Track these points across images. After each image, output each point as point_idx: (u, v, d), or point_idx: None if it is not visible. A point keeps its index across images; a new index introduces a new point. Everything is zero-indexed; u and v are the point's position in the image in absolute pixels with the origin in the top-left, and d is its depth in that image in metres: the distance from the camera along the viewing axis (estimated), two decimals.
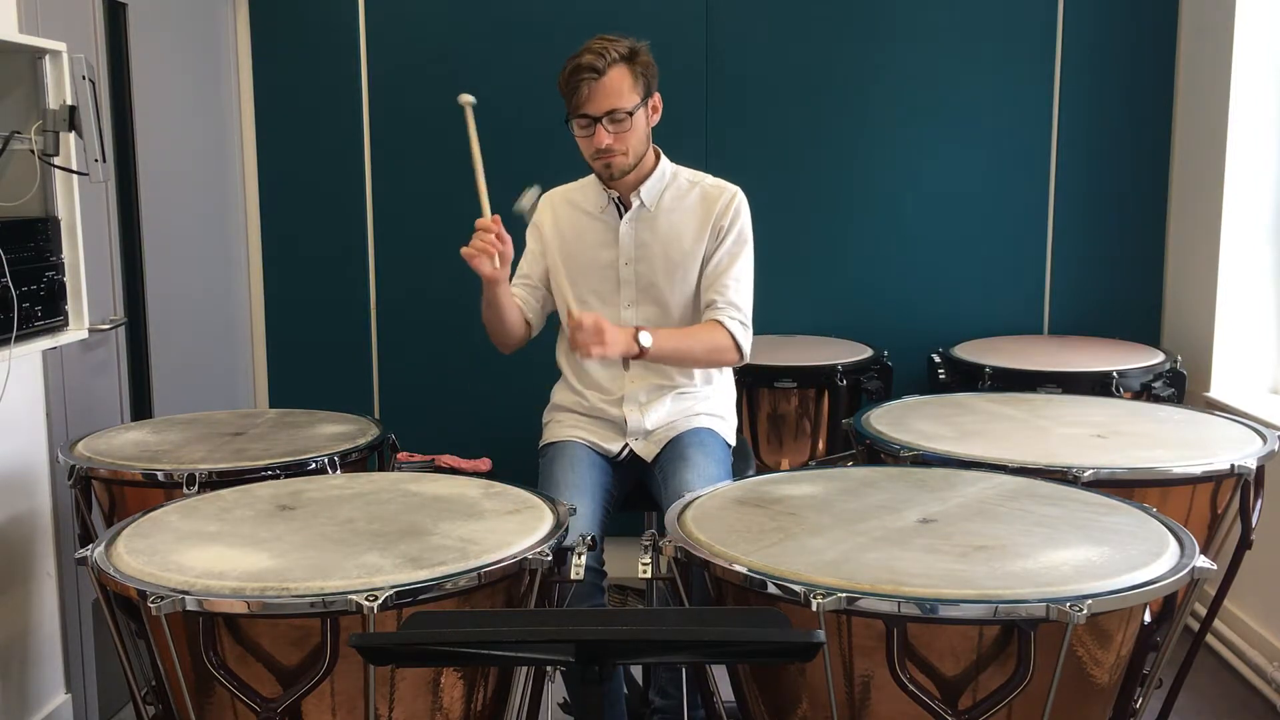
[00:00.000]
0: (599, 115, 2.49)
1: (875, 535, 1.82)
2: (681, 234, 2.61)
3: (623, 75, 2.49)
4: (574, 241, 2.68)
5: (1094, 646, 1.70)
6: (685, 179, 2.66)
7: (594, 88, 2.47)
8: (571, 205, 2.71)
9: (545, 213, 2.73)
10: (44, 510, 2.87)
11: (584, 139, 2.55)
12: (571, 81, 2.48)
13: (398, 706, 1.75)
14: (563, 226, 2.70)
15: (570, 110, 2.52)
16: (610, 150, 2.52)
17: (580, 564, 1.92)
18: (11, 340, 2.38)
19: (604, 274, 2.65)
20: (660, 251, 2.62)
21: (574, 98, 2.49)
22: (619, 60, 2.48)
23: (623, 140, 2.52)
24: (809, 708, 1.74)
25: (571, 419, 2.68)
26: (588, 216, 2.67)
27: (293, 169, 4.00)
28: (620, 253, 2.63)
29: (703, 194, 2.64)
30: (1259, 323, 3.61)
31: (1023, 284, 3.99)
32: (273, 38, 3.95)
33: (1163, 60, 3.88)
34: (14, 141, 2.46)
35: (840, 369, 3.45)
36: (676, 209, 2.63)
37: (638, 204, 2.62)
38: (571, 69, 2.49)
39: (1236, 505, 2.26)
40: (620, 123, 2.50)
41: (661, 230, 2.62)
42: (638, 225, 2.63)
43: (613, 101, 2.48)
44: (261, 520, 1.98)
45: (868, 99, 3.91)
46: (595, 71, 2.46)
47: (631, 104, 2.50)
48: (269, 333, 4.08)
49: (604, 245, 2.65)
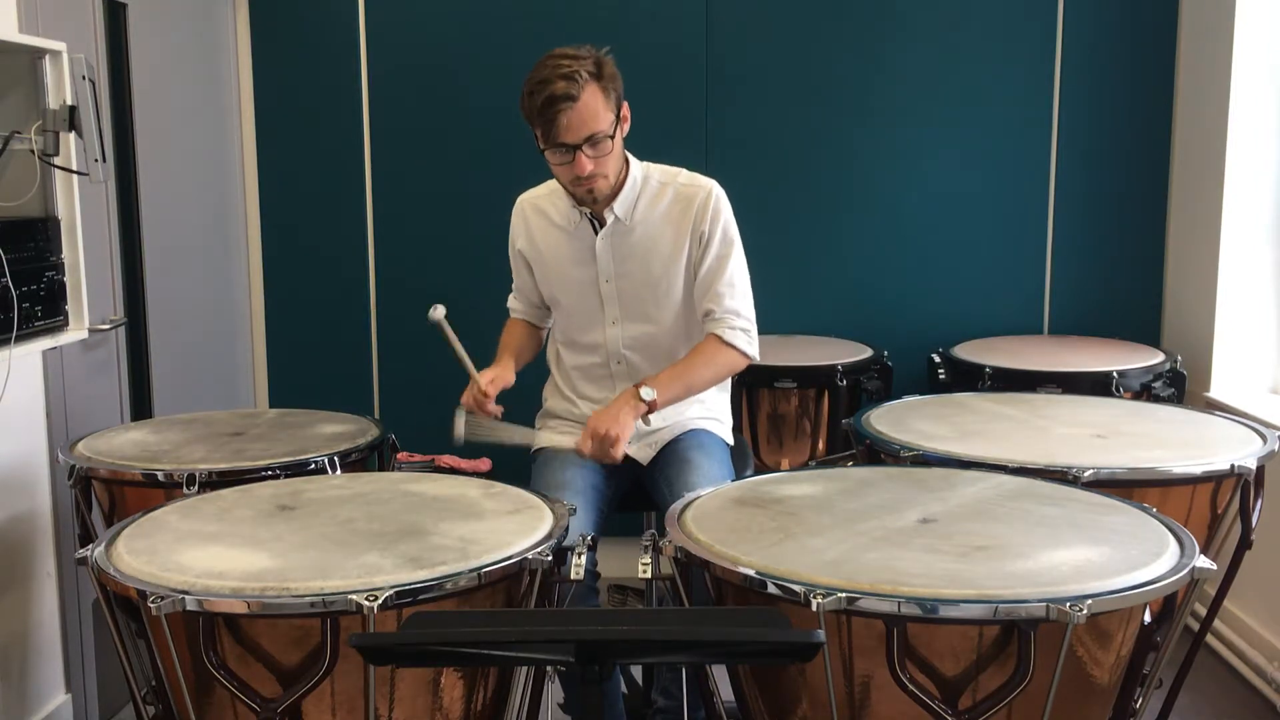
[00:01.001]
0: (578, 143, 2.35)
1: (875, 535, 1.82)
2: (659, 244, 2.52)
3: (595, 95, 2.34)
4: (550, 256, 2.60)
5: (1094, 646, 1.70)
6: (656, 180, 2.55)
7: (571, 116, 2.32)
8: (545, 219, 2.60)
9: (519, 224, 2.65)
10: (44, 510, 2.87)
11: (562, 167, 2.41)
12: (546, 113, 2.32)
13: (398, 706, 1.75)
14: (537, 239, 2.62)
15: (544, 140, 2.37)
16: (592, 176, 2.40)
17: (580, 564, 1.91)
18: (11, 340, 2.38)
19: (584, 291, 2.57)
20: (640, 266, 2.53)
21: (550, 129, 2.34)
22: (589, 79, 2.33)
23: (603, 164, 2.40)
24: (809, 708, 1.74)
25: (564, 425, 2.66)
26: (559, 230, 2.58)
27: (293, 169, 4.00)
28: (599, 270, 2.55)
29: (677, 195, 2.53)
30: (1259, 323, 3.61)
31: (1023, 284, 3.99)
32: (273, 38, 3.95)
33: (1163, 60, 3.88)
34: (14, 141, 2.46)
35: (840, 369, 3.45)
36: (651, 217, 2.52)
37: (613, 219, 2.51)
38: (545, 99, 2.32)
39: (1236, 505, 2.26)
40: (600, 145, 2.37)
41: (640, 243, 2.53)
42: (614, 240, 2.53)
43: (590, 126, 2.34)
44: (261, 520, 1.98)
45: (868, 99, 3.91)
46: (570, 100, 2.30)
47: (608, 124, 2.37)
48: (269, 333, 4.08)
49: (580, 262, 2.56)
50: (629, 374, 2.60)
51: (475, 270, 3.97)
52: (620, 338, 2.59)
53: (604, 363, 2.62)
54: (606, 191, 2.47)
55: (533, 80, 2.36)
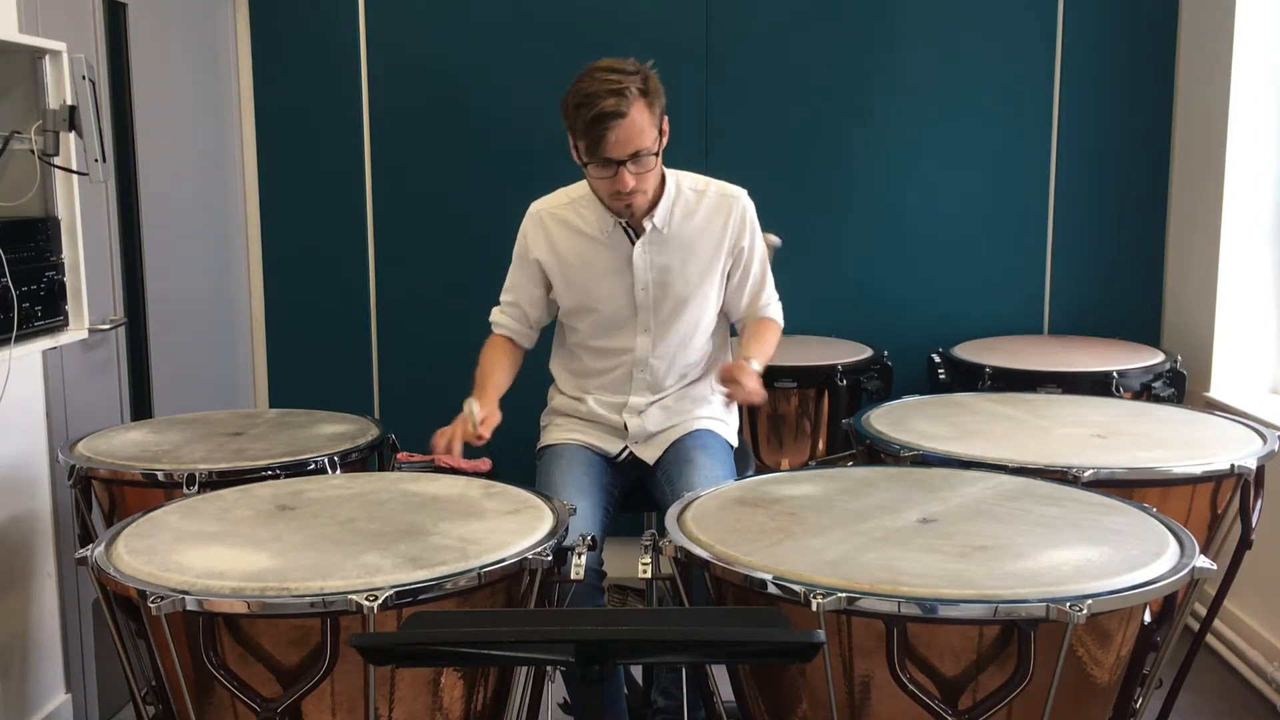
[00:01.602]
0: (623, 159, 2.34)
1: (875, 535, 1.82)
2: (697, 253, 2.54)
3: (642, 112, 2.32)
4: (577, 267, 2.56)
5: (1094, 646, 1.70)
6: (689, 189, 2.56)
7: (619, 133, 2.30)
8: (568, 227, 2.56)
9: (537, 234, 2.59)
10: (44, 510, 2.87)
11: (603, 180, 2.40)
12: (595, 129, 2.29)
13: (398, 706, 1.75)
14: (561, 249, 2.57)
15: (587, 154, 2.36)
16: (633, 192, 2.38)
17: (580, 564, 1.91)
18: (11, 340, 2.38)
19: (617, 299, 2.55)
20: (678, 275, 2.53)
21: (596, 145, 2.31)
22: (638, 95, 2.31)
23: (644, 179, 2.39)
24: (809, 708, 1.74)
25: (570, 423, 2.66)
26: (589, 241, 2.55)
27: (293, 169, 4.00)
28: (636, 279, 2.53)
29: (711, 206, 2.54)
30: (1259, 323, 3.61)
31: (1023, 284, 3.99)
32: (273, 38, 3.95)
33: (1163, 60, 3.88)
34: (14, 141, 2.46)
35: (840, 369, 3.45)
36: (688, 227, 2.53)
37: (650, 228, 2.51)
38: (594, 116, 2.28)
39: (1236, 505, 2.26)
40: (643, 161, 2.36)
41: (678, 251, 2.53)
42: (651, 249, 2.52)
43: (636, 143, 2.33)
44: (261, 520, 1.98)
45: (868, 99, 3.90)
46: (619, 116, 2.28)
47: (653, 140, 2.36)
48: (269, 333, 4.08)
49: (614, 271, 2.54)
50: (649, 379, 2.61)
51: (475, 270, 3.97)
52: (651, 345, 2.58)
53: (627, 369, 2.61)
54: (643, 206, 2.48)
55: (579, 92, 2.32)
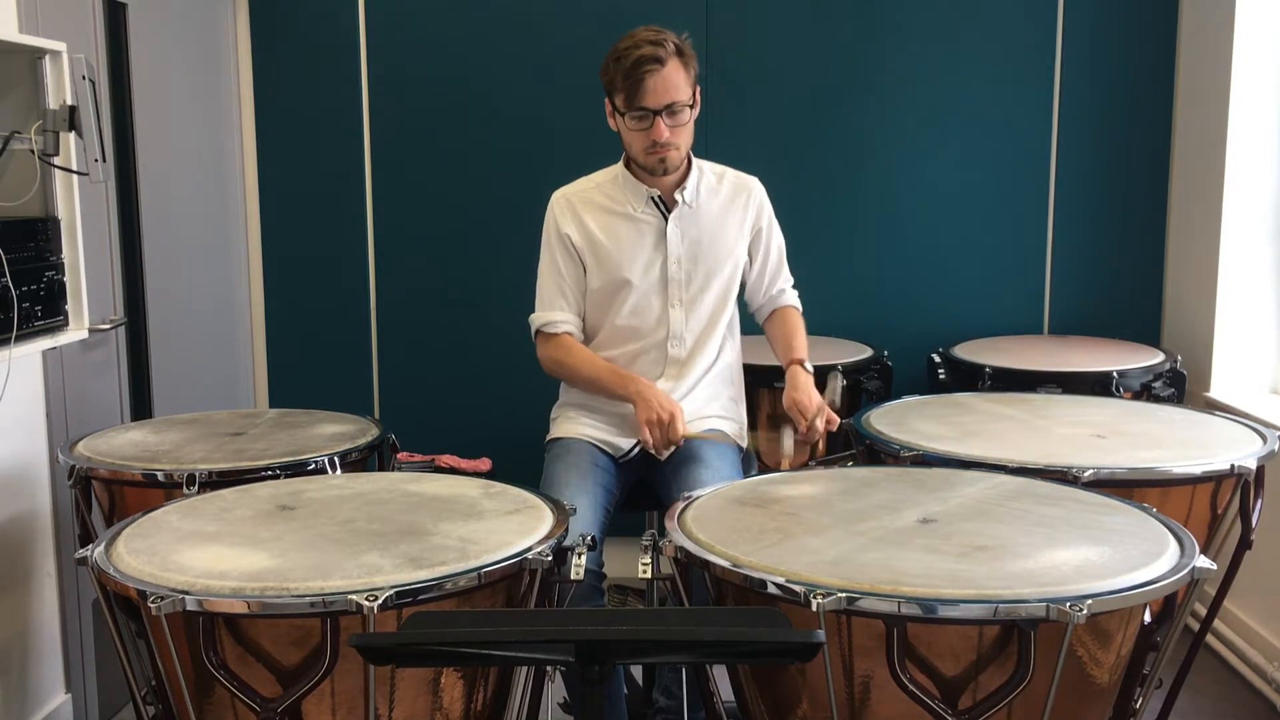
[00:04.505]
0: (659, 109, 2.45)
1: (875, 535, 1.82)
2: (725, 229, 2.63)
3: (678, 68, 2.46)
4: (612, 242, 2.60)
5: (1094, 646, 1.70)
6: (710, 171, 2.67)
7: (656, 80, 2.42)
8: (597, 207, 2.62)
9: (566, 215, 2.62)
10: (44, 510, 2.87)
11: (639, 132, 2.49)
12: (634, 74, 2.42)
13: (398, 706, 1.75)
14: (592, 228, 2.61)
15: (625, 103, 2.46)
16: (668, 144, 2.48)
17: (580, 564, 1.91)
18: (11, 340, 2.38)
19: (650, 276, 2.60)
20: (708, 249, 2.62)
21: (636, 90, 2.43)
22: (674, 53, 2.45)
23: (678, 134, 2.50)
24: (809, 708, 1.74)
25: (582, 415, 2.66)
26: (622, 218, 2.61)
27: (293, 169, 4.00)
28: (669, 252, 2.60)
29: (731, 186, 2.66)
30: (1259, 323, 3.61)
31: (1023, 284, 3.99)
32: (273, 38, 3.95)
33: (1163, 61, 3.88)
34: (14, 141, 2.46)
35: (840, 369, 3.45)
36: (713, 205, 2.64)
37: (682, 201, 2.60)
38: (633, 61, 2.42)
39: (1236, 505, 2.26)
40: (678, 115, 2.48)
41: (707, 226, 2.62)
42: (683, 223, 2.61)
43: (673, 94, 2.45)
44: (261, 520, 1.98)
45: (868, 99, 3.90)
46: (658, 62, 2.42)
47: (688, 96, 2.48)
48: (269, 333, 4.08)
49: (648, 247, 2.61)
50: (680, 355, 2.63)
51: (476, 270, 3.98)
52: (684, 319, 2.62)
53: (660, 345, 2.63)
54: (677, 163, 2.56)
55: (619, 49, 2.46)
